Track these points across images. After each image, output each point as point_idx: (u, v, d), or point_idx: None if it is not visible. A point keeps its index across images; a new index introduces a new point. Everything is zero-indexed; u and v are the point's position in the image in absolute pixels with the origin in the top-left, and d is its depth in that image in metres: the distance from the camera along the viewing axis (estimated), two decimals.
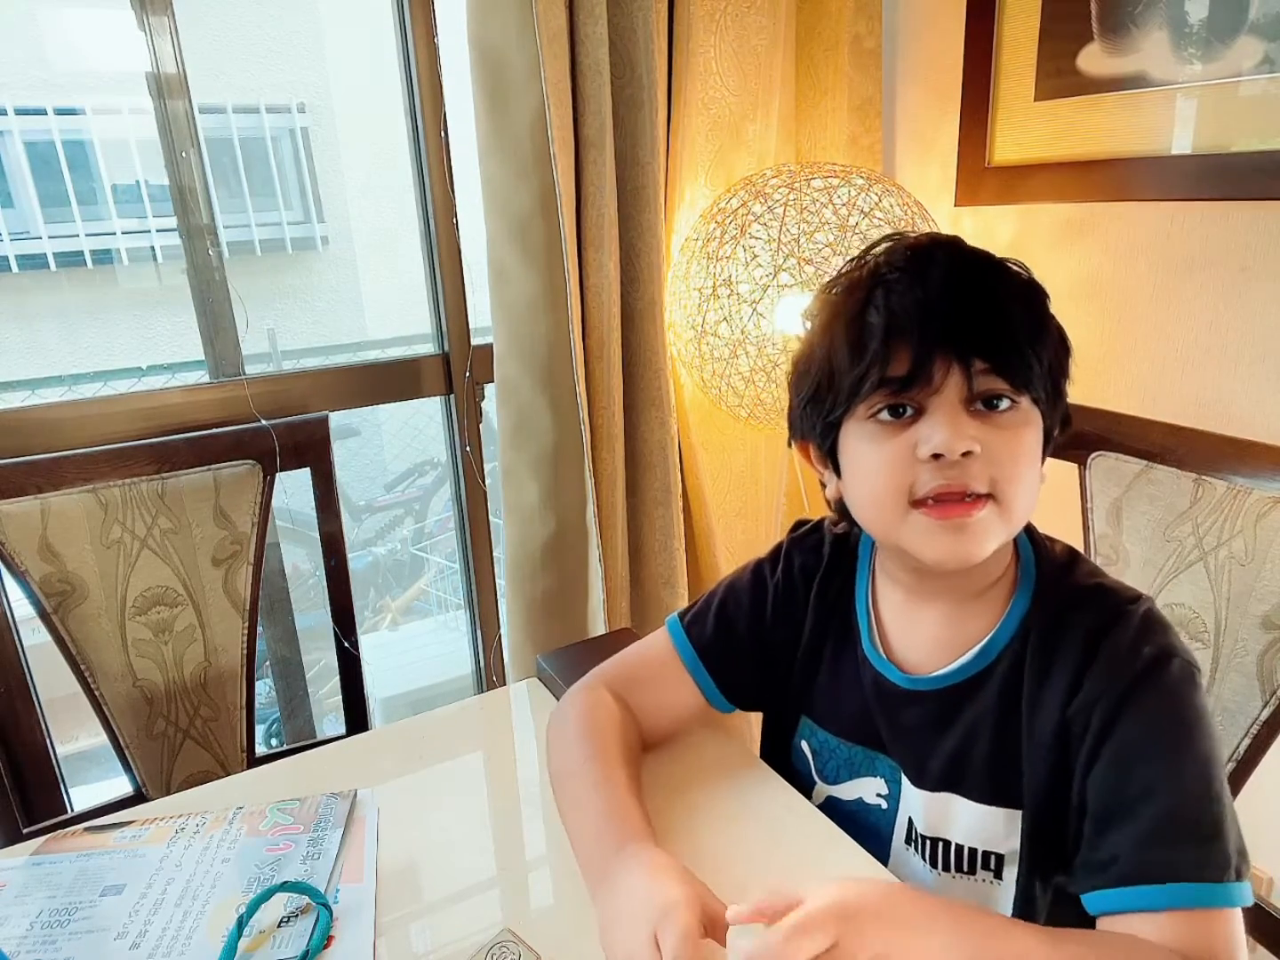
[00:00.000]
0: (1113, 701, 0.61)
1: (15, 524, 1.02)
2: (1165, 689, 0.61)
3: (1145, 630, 0.63)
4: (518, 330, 1.31)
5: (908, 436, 0.61)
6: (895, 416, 0.62)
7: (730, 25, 1.34)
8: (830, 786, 0.77)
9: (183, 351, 2.90)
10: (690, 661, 0.79)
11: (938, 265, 0.62)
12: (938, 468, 0.60)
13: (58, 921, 0.66)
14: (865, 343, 0.61)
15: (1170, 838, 0.58)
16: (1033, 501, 0.64)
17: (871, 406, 0.63)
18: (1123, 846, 0.59)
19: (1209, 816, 0.58)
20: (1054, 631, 0.65)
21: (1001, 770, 0.66)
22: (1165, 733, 0.60)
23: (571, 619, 1.47)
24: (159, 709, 1.12)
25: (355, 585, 1.24)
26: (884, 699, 0.71)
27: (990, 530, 0.62)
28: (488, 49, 1.20)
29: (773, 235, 1.21)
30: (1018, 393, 0.61)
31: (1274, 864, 1.27)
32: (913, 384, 0.60)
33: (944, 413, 0.60)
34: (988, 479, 0.60)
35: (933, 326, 0.60)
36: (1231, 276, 1.16)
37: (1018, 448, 0.61)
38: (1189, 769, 0.59)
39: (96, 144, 3.60)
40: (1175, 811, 0.58)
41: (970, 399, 0.61)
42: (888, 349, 0.60)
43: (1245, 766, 0.81)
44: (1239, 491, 0.84)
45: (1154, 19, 1.15)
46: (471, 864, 0.72)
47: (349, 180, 4.20)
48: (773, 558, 0.81)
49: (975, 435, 0.60)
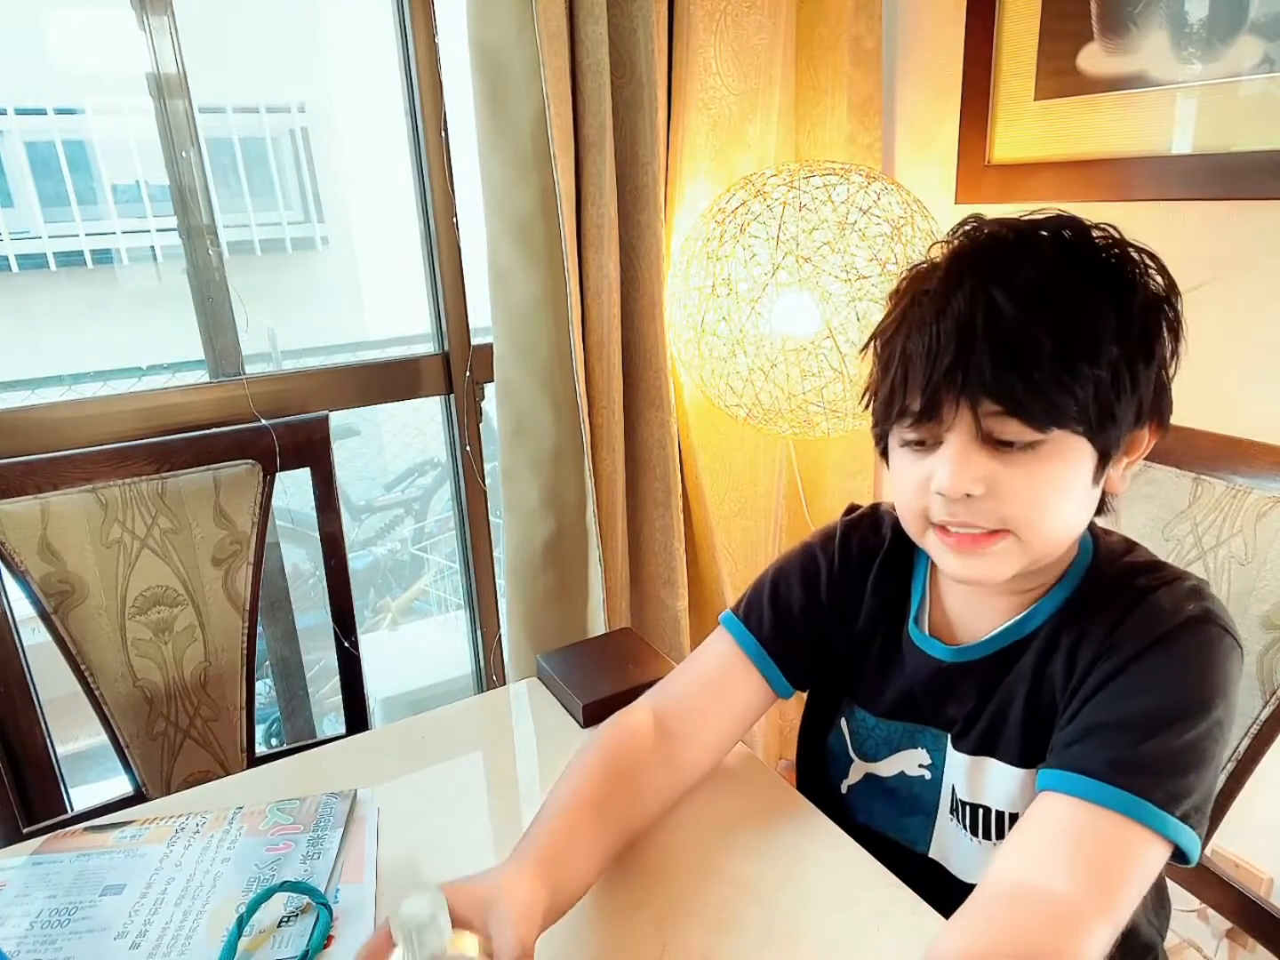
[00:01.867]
0: (1140, 645, 0.60)
1: (15, 524, 1.02)
2: (1197, 643, 0.60)
3: (1192, 595, 0.63)
4: (518, 330, 1.31)
5: (927, 465, 0.62)
6: (919, 446, 0.63)
7: (730, 25, 1.34)
8: (869, 764, 0.77)
9: (183, 351, 2.89)
10: (754, 652, 0.77)
11: (963, 294, 0.58)
12: (945, 503, 0.61)
13: (58, 921, 0.66)
14: (888, 373, 0.62)
15: (1133, 755, 0.57)
16: (1068, 526, 0.63)
17: (900, 432, 0.64)
18: (1087, 743, 0.59)
19: (1181, 759, 0.57)
20: (1099, 597, 0.65)
21: (1033, 732, 0.66)
22: (1181, 680, 0.59)
23: (571, 619, 1.47)
24: (159, 709, 1.12)
25: (355, 585, 1.24)
26: (927, 675, 0.72)
27: (1007, 559, 0.61)
28: (488, 49, 1.20)
29: (771, 233, 1.21)
30: (1043, 430, 0.58)
31: (1274, 864, 1.27)
32: (926, 420, 0.60)
33: (953, 450, 0.60)
34: (998, 517, 0.60)
35: (939, 365, 0.58)
36: (1231, 276, 1.16)
37: (1038, 484, 0.59)
38: (1188, 721, 0.58)
39: (96, 144, 3.61)
40: (1151, 743, 0.58)
41: (984, 436, 0.59)
42: (905, 383, 0.61)
43: (1245, 766, 0.81)
44: (1238, 491, 0.84)
45: (1154, 19, 1.15)
46: (471, 864, 0.72)
47: (349, 180, 4.21)
48: (824, 539, 0.79)
49: (983, 475, 0.59)
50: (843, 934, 0.63)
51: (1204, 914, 1.27)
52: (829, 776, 0.80)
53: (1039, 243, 0.61)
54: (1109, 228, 0.61)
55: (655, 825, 0.73)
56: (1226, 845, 1.30)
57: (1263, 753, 0.81)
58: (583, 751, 0.72)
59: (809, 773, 0.84)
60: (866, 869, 0.69)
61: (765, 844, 0.72)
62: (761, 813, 0.75)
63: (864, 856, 0.70)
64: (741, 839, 0.72)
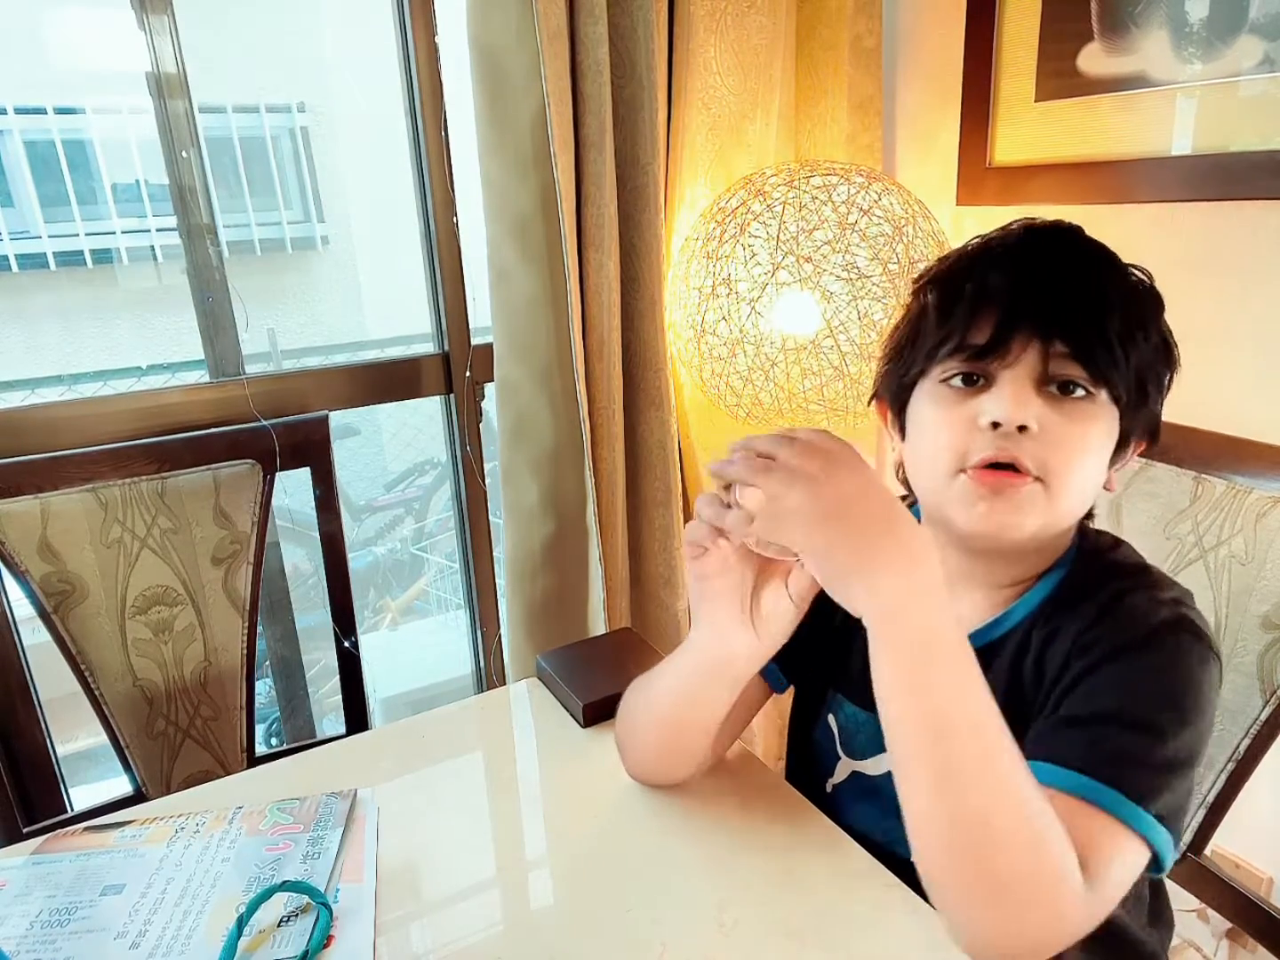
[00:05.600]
0: (1115, 645, 0.60)
1: (15, 524, 1.02)
2: (1174, 648, 0.60)
3: (1171, 602, 0.62)
4: (518, 330, 1.31)
5: (973, 405, 0.62)
6: (967, 384, 0.63)
7: (730, 25, 1.34)
8: (856, 761, 0.77)
9: (183, 351, 2.90)
10: None
11: (1043, 248, 0.64)
12: (993, 437, 0.61)
13: (58, 921, 0.66)
14: (953, 308, 0.63)
15: (1104, 747, 0.57)
16: (1085, 496, 0.64)
17: (946, 371, 0.64)
18: (1057, 736, 0.59)
19: (1153, 757, 0.57)
20: (1076, 597, 0.65)
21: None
22: (1155, 682, 0.59)
23: (571, 619, 1.47)
24: (159, 709, 1.12)
25: (355, 585, 1.24)
26: None
27: (1031, 505, 0.61)
28: (488, 49, 1.20)
29: (772, 233, 1.21)
30: (1095, 384, 0.61)
31: (1274, 864, 1.27)
32: (990, 353, 0.61)
33: (1013, 386, 0.61)
34: (1040, 461, 0.61)
35: (1021, 301, 0.61)
36: (1231, 276, 1.16)
37: (1080, 437, 0.61)
38: (1161, 722, 0.58)
39: (96, 144, 3.61)
40: (1124, 738, 0.57)
41: (1044, 380, 0.61)
42: (973, 316, 0.62)
43: (1245, 766, 0.81)
44: (1239, 490, 0.84)
45: (1154, 19, 1.15)
46: (471, 864, 0.72)
47: (349, 180, 4.21)
48: None
49: (1038, 414, 0.60)
50: (842, 933, 0.63)
51: (1204, 914, 1.27)
52: (815, 776, 0.80)
53: (1085, 236, 0.66)
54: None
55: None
56: (1226, 845, 1.30)
57: (1263, 753, 0.81)
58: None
59: (797, 772, 0.84)
60: (865, 868, 0.69)
61: (764, 843, 0.71)
62: (761, 811, 0.75)
63: (863, 856, 0.70)
64: (741, 838, 0.72)
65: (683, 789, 0.77)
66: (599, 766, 0.81)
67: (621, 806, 0.76)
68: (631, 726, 0.76)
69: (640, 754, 0.77)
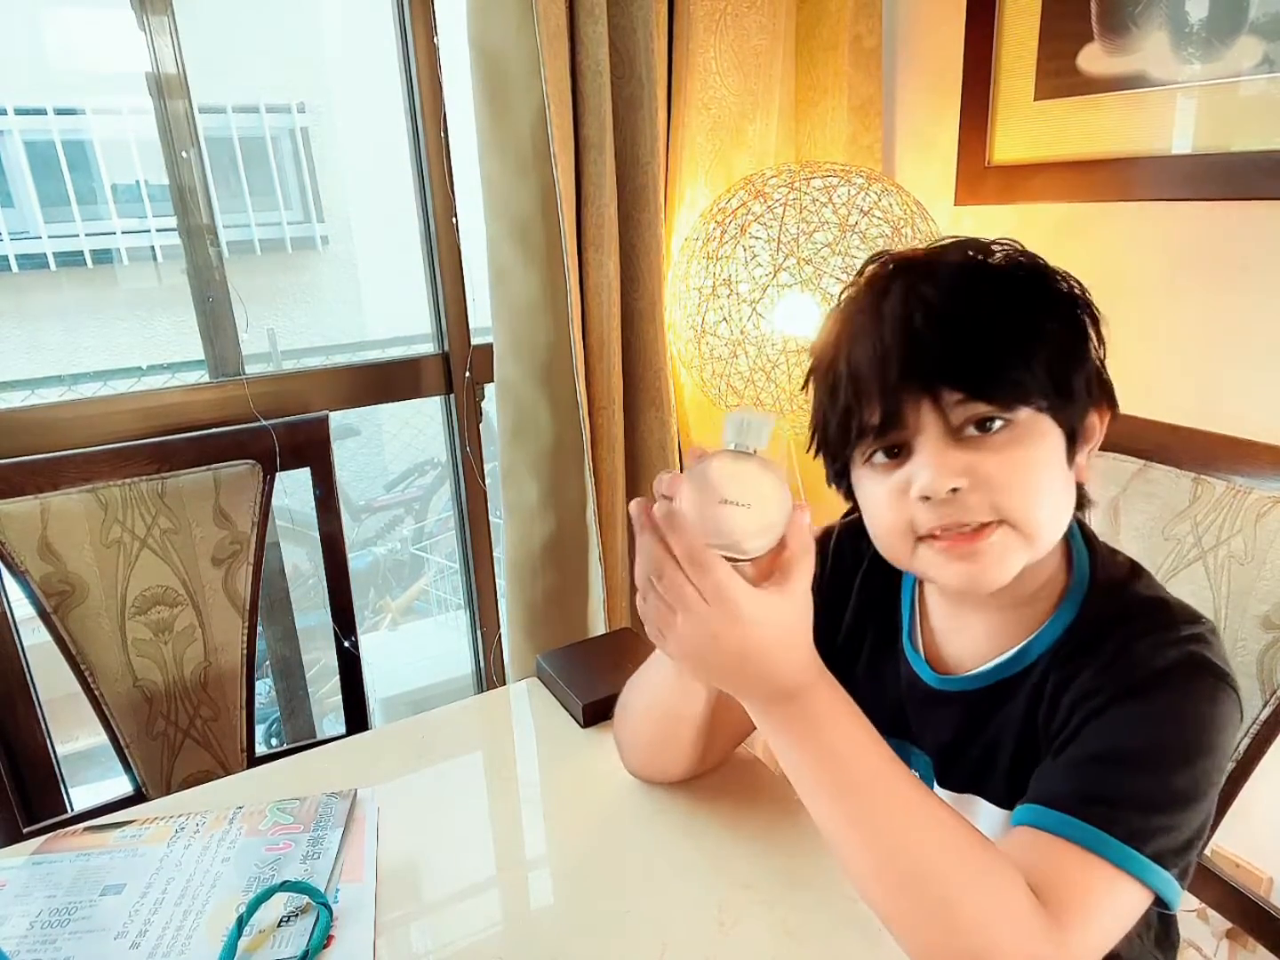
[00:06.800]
0: (1121, 688, 0.58)
1: (15, 524, 1.02)
2: (1185, 691, 0.58)
3: (1189, 640, 0.60)
4: (518, 330, 1.31)
5: (902, 474, 0.60)
6: (890, 457, 0.61)
7: (730, 25, 1.34)
8: None
9: (183, 351, 2.90)
10: None
11: (893, 298, 0.59)
12: (931, 507, 0.58)
13: (58, 921, 0.66)
14: (838, 396, 0.61)
15: (1098, 790, 0.56)
16: (1059, 510, 0.61)
17: (864, 452, 0.62)
18: (1055, 777, 0.58)
19: (1154, 798, 0.55)
20: (1092, 637, 0.63)
21: (1021, 776, 0.64)
22: (1160, 724, 0.57)
23: (571, 619, 1.47)
24: (159, 709, 1.12)
25: (355, 585, 1.24)
26: (916, 696, 0.71)
27: (1008, 552, 0.59)
28: (488, 49, 1.20)
29: (772, 235, 1.21)
30: (1008, 409, 0.57)
31: (1274, 864, 1.27)
32: (888, 429, 0.59)
33: (928, 451, 0.58)
34: (992, 506, 0.58)
35: (890, 369, 0.58)
36: (1231, 276, 1.16)
37: (1022, 464, 0.58)
38: (1164, 762, 0.56)
39: (96, 144, 3.61)
40: (1122, 780, 0.56)
41: (957, 430, 0.58)
42: (858, 398, 0.59)
43: (1245, 766, 0.81)
44: (1238, 491, 0.84)
45: (1154, 19, 1.15)
46: (471, 864, 0.72)
47: (349, 180, 4.21)
48: (821, 542, 0.78)
49: (964, 468, 0.57)
50: (842, 935, 0.63)
51: (1204, 914, 1.27)
52: None
53: (947, 251, 0.63)
54: (1007, 239, 0.63)
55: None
56: (1226, 845, 1.30)
57: (1263, 753, 0.81)
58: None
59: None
60: None
61: (765, 844, 0.72)
62: (761, 811, 0.75)
63: None
64: (742, 839, 0.72)
65: (683, 789, 0.77)
66: (599, 766, 0.81)
67: (621, 806, 0.77)
68: (626, 719, 0.77)
69: (635, 747, 0.78)
